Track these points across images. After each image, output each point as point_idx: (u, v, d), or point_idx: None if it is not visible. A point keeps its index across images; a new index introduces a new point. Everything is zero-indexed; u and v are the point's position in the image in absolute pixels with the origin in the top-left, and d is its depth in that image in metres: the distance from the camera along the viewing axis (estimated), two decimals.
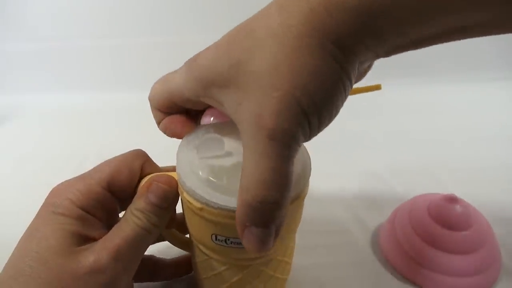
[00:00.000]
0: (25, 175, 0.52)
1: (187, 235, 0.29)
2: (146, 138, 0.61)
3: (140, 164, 0.27)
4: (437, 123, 0.63)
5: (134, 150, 0.28)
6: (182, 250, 0.31)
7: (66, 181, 0.26)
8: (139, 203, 0.24)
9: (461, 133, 0.59)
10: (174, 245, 0.30)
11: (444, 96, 0.72)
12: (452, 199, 0.33)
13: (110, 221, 0.26)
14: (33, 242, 0.22)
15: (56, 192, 0.26)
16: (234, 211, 0.21)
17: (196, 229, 0.25)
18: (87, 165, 0.50)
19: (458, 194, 0.34)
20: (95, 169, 0.27)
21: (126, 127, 0.65)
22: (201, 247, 0.26)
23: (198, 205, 0.22)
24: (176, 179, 0.25)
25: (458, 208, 0.33)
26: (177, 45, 0.76)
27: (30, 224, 0.24)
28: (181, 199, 0.25)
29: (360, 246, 0.37)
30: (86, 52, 0.76)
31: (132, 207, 0.24)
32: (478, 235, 0.32)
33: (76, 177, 0.26)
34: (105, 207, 0.25)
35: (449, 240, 0.32)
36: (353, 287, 0.33)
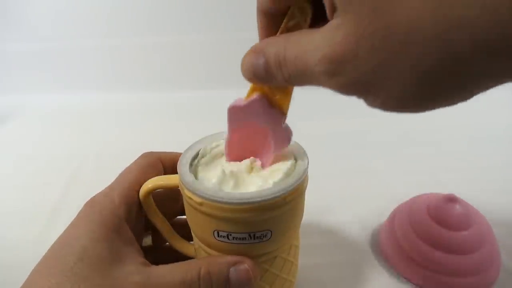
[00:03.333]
0: (25, 175, 0.52)
1: (191, 242, 0.29)
2: (145, 138, 0.61)
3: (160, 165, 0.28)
4: (437, 122, 0.63)
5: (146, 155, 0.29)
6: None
7: (99, 193, 0.26)
8: (218, 271, 0.23)
9: (461, 133, 0.59)
10: (179, 251, 0.30)
11: None
12: (452, 199, 0.33)
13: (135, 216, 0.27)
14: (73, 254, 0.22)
15: (92, 202, 0.26)
16: (233, 204, 0.21)
17: (198, 226, 0.25)
18: (87, 165, 0.50)
19: (458, 194, 0.34)
20: (120, 178, 0.27)
21: (126, 127, 0.65)
22: (204, 247, 0.25)
23: (198, 199, 0.22)
24: (178, 179, 0.25)
25: (458, 208, 0.33)
26: (177, 45, 0.76)
27: (63, 237, 0.24)
28: (183, 198, 0.25)
29: (360, 246, 0.37)
30: (86, 52, 0.76)
31: (206, 263, 0.23)
32: (478, 235, 0.32)
33: (106, 188, 0.27)
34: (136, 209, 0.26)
35: (449, 240, 0.32)
36: (353, 287, 0.33)
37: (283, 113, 0.23)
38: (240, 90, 0.24)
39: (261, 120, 0.23)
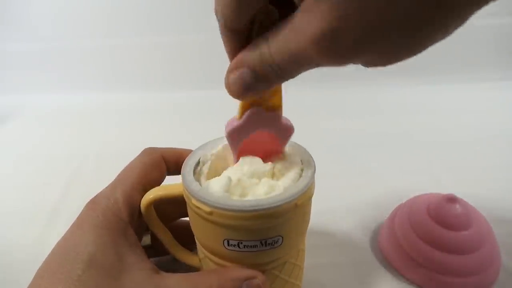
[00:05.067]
0: (25, 175, 0.52)
1: (194, 251, 0.28)
2: (145, 138, 0.61)
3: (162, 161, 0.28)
4: (436, 123, 0.63)
5: (147, 150, 0.28)
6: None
7: (100, 193, 0.26)
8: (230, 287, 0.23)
9: (461, 133, 0.59)
10: (182, 261, 0.30)
11: (444, 96, 0.72)
12: (451, 199, 0.33)
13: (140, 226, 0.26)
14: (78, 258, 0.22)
15: (95, 204, 0.25)
16: (246, 212, 0.21)
17: (207, 236, 0.24)
18: (87, 165, 0.50)
19: (458, 194, 0.34)
20: (122, 176, 0.27)
21: (126, 127, 0.65)
22: (212, 257, 0.25)
23: (207, 209, 0.21)
24: (181, 188, 0.24)
25: (457, 208, 0.33)
26: (177, 45, 0.76)
27: (67, 240, 0.24)
28: (189, 207, 0.24)
29: (360, 246, 0.37)
30: (86, 52, 0.76)
31: (217, 278, 0.23)
32: (478, 235, 0.32)
33: (108, 187, 0.26)
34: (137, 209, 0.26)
35: (449, 240, 0.32)
36: (353, 287, 0.33)
37: (279, 111, 0.23)
38: None
39: (261, 128, 0.23)
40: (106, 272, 0.21)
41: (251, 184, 0.23)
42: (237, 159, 0.25)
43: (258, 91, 0.20)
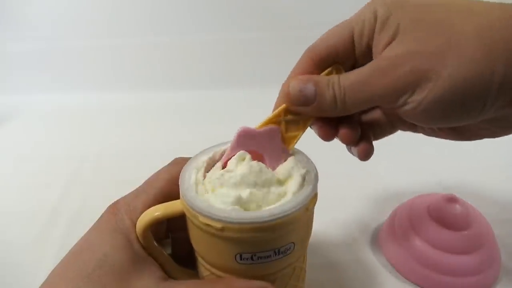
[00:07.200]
0: (25, 175, 0.52)
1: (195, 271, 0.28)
2: (145, 138, 0.61)
3: None
4: None
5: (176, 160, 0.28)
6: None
7: (123, 198, 0.26)
8: None
9: None
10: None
11: None
12: (452, 199, 0.33)
13: (157, 234, 0.26)
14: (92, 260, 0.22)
15: (115, 209, 0.25)
16: (259, 223, 0.20)
17: (216, 253, 0.23)
18: (87, 165, 0.50)
19: (458, 194, 0.34)
20: (147, 185, 0.26)
21: (126, 127, 0.65)
22: (220, 274, 0.24)
23: (219, 225, 0.21)
24: (182, 205, 0.23)
25: (457, 208, 0.33)
26: (177, 45, 0.76)
27: (85, 240, 0.24)
28: (194, 225, 0.23)
29: (360, 246, 0.37)
30: (86, 52, 0.76)
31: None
32: (478, 235, 0.33)
33: (131, 193, 0.26)
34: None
35: (449, 240, 0.32)
36: (353, 287, 0.33)
37: (288, 151, 0.25)
38: (240, 91, 0.24)
39: (265, 152, 0.24)
40: (115, 273, 0.21)
41: (263, 195, 0.23)
42: (230, 157, 0.24)
43: (306, 106, 0.23)
